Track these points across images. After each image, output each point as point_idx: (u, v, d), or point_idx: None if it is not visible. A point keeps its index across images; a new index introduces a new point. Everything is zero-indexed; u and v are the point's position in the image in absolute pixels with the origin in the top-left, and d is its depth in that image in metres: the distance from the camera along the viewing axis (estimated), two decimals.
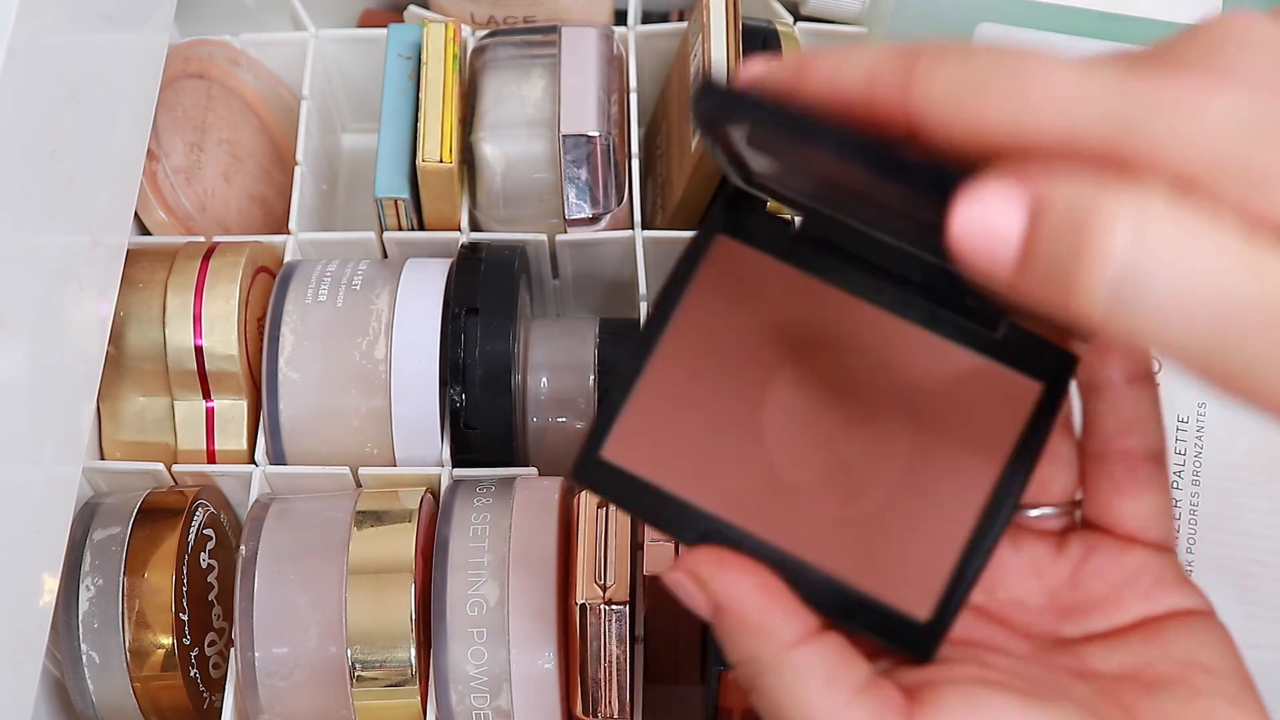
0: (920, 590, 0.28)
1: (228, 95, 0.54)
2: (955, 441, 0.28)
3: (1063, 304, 0.20)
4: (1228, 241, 0.20)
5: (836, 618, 0.27)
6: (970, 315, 0.28)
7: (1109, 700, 0.26)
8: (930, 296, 0.29)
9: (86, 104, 0.39)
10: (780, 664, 0.26)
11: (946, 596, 0.28)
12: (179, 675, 0.43)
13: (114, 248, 0.42)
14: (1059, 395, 0.28)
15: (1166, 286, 0.19)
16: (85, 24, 0.39)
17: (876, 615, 0.28)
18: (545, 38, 0.50)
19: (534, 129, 0.48)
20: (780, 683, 0.26)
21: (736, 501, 0.28)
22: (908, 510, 0.28)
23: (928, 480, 0.28)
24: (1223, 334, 0.20)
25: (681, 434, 0.29)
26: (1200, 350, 0.20)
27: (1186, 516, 0.38)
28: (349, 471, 0.46)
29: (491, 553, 0.42)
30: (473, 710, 0.41)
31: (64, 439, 0.39)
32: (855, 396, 0.29)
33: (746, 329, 0.29)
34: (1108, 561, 0.28)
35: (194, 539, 0.45)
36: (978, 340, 0.28)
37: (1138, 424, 0.28)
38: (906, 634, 0.28)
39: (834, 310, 0.29)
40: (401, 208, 0.49)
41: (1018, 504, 0.28)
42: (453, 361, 0.45)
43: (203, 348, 0.46)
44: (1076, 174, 0.20)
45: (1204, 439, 0.39)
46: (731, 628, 0.27)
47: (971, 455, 0.28)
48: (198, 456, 0.47)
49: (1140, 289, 0.20)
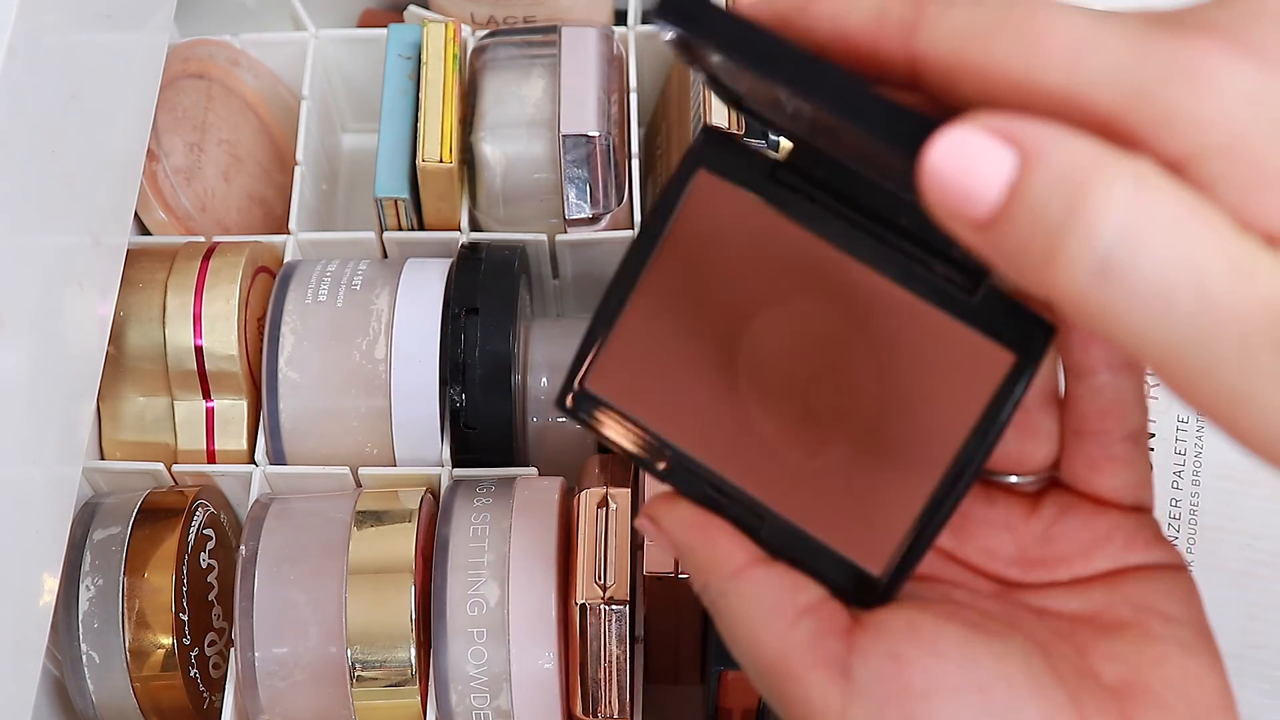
0: (876, 546, 0.28)
1: (228, 95, 0.54)
2: (922, 404, 0.28)
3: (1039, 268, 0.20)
4: (1221, 239, 0.19)
5: (793, 562, 0.28)
6: (948, 276, 0.27)
7: (1063, 639, 0.26)
8: (908, 253, 0.28)
9: (87, 104, 0.39)
10: (727, 591, 0.27)
11: (900, 556, 0.28)
12: (179, 675, 0.43)
13: (114, 248, 0.42)
14: (1030, 368, 0.27)
15: (1152, 271, 0.19)
16: (85, 24, 0.39)
17: (830, 563, 0.28)
18: (545, 38, 0.50)
19: (534, 129, 0.48)
20: (729, 607, 0.27)
21: (708, 440, 0.29)
22: (870, 466, 0.28)
23: (892, 439, 0.28)
24: (1198, 334, 0.19)
25: (660, 369, 0.29)
26: (1169, 347, 0.19)
27: (1187, 516, 0.38)
28: (349, 471, 0.46)
29: (491, 553, 0.42)
30: (473, 710, 0.41)
31: (64, 439, 0.39)
32: (827, 347, 0.28)
33: (726, 268, 0.29)
34: (1081, 522, 0.28)
35: (194, 539, 0.45)
36: (953, 303, 0.27)
37: (1116, 410, 0.27)
38: (859, 587, 0.28)
39: (812, 257, 0.28)
40: (401, 208, 0.49)
41: (979, 473, 0.27)
42: (453, 361, 0.45)
43: (203, 348, 0.46)
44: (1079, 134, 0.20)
45: (1204, 439, 0.39)
46: (687, 562, 0.29)
47: (937, 419, 0.28)
48: (198, 456, 0.47)
49: (1125, 269, 0.19)
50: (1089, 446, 0.28)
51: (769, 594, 0.27)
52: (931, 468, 0.28)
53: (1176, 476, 0.39)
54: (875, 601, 0.28)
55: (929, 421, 0.28)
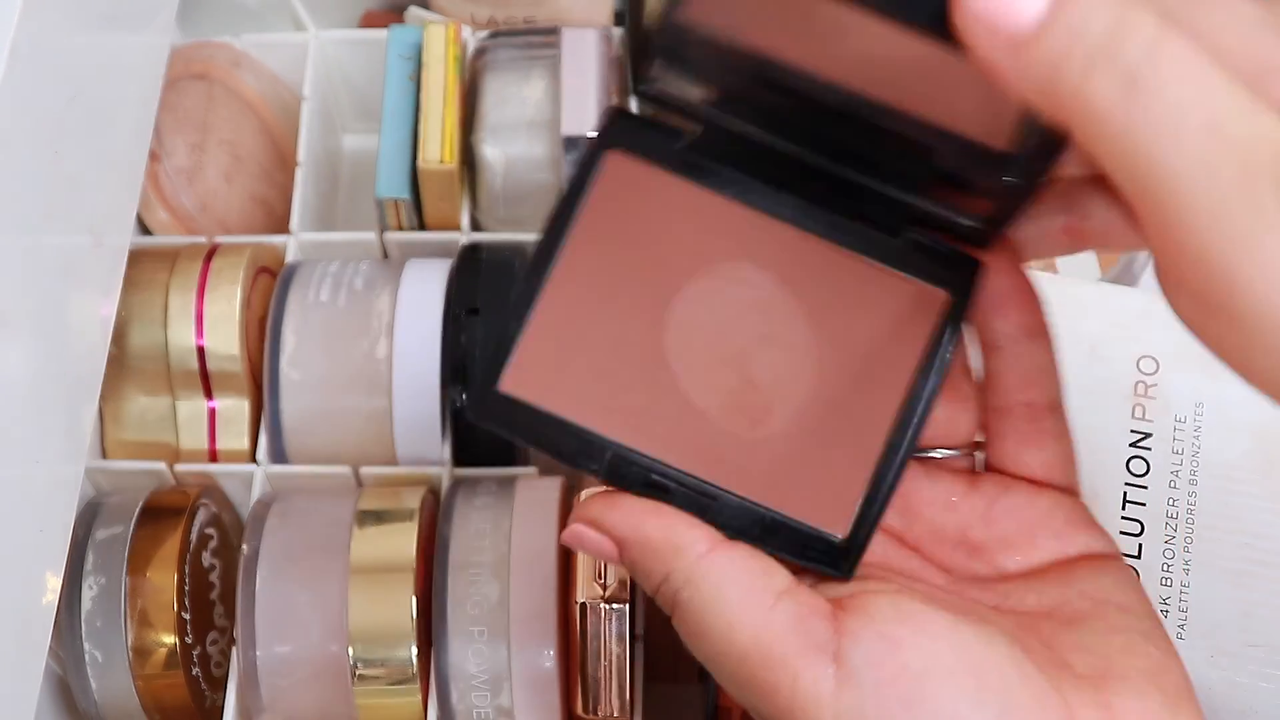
0: (835, 508, 0.27)
1: (229, 96, 0.54)
2: (862, 355, 0.28)
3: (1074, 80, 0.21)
4: (1232, 86, 0.21)
5: (753, 540, 0.27)
6: (872, 223, 0.28)
7: (1029, 633, 0.26)
8: (830, 205, 0.28)
9: (89, 105, 0.39)
10: (695, 575, 0.26)
11: (862, 512, 0.27)
12: (181, 674, 0.43)
13: (116, 248, 0.42)
14: (966, 301, 0.27)
15: (1170, 94, 0.20)
16: (87, 25, 0.39)
17: (793, 536, 0.27)
18: (546, 39, 0.50)
19: (534, 130, 0.49)
20: (698, 594, 0.26)
21: (644, 427, 0.27)
22: (818, 428, 0.27)
23: (837, 396, 0.27)
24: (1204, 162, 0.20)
25: (583, 361, 0.28)
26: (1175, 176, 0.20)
27: (1184, 516, 0.38)
28: (350, 471, 0.46)
29: (492, 552, 0.42)
30: (473, 709, 0.42)
31: (66, 438, 0.39)
32: (758, 313, 0.28)
33: (644, 247, 0.28)
34: (1020, 501, 0.28)
35: (196, 538, 0.45)
36: (880, 249, 0.28)
37: (1037, 377, 0.28)
38: (825, 552, 0.27)
39: (732, 224, 0.28)
40: (402, 208, 0.49)
41: (930, 410, 0.27)
42: (454, 361, 0.45)
43: (205, 348, 0.46)
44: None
45: (1201, 438, 0.39)
46: (640, 556, 0.27)
47: (880, 368, 0.27)
48: (200, 456, 0.47)
49: (1148, 86, 0.20)
50: (1017, 422, 0.28)
51: (742, 576, 0.26)
52: (880, 418, 0.27)
53: (1174, 476, 0.39)
54: (847, 567, 0.27)
55: (871, 372, 0.27)
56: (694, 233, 0.28)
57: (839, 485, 0.27)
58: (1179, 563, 0.38)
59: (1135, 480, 0.39)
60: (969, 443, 0.29)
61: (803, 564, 0.27)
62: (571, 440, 0.27)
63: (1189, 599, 0.38)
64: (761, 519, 0.27)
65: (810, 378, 0.28)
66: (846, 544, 0.27)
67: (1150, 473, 0.39)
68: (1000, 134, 0.26)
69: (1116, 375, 0.40)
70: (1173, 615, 0.38)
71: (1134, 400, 0.40)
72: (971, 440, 0.29)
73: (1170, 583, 0.38)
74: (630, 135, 0.28)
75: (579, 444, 0.27)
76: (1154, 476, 0.39)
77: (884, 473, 0.27)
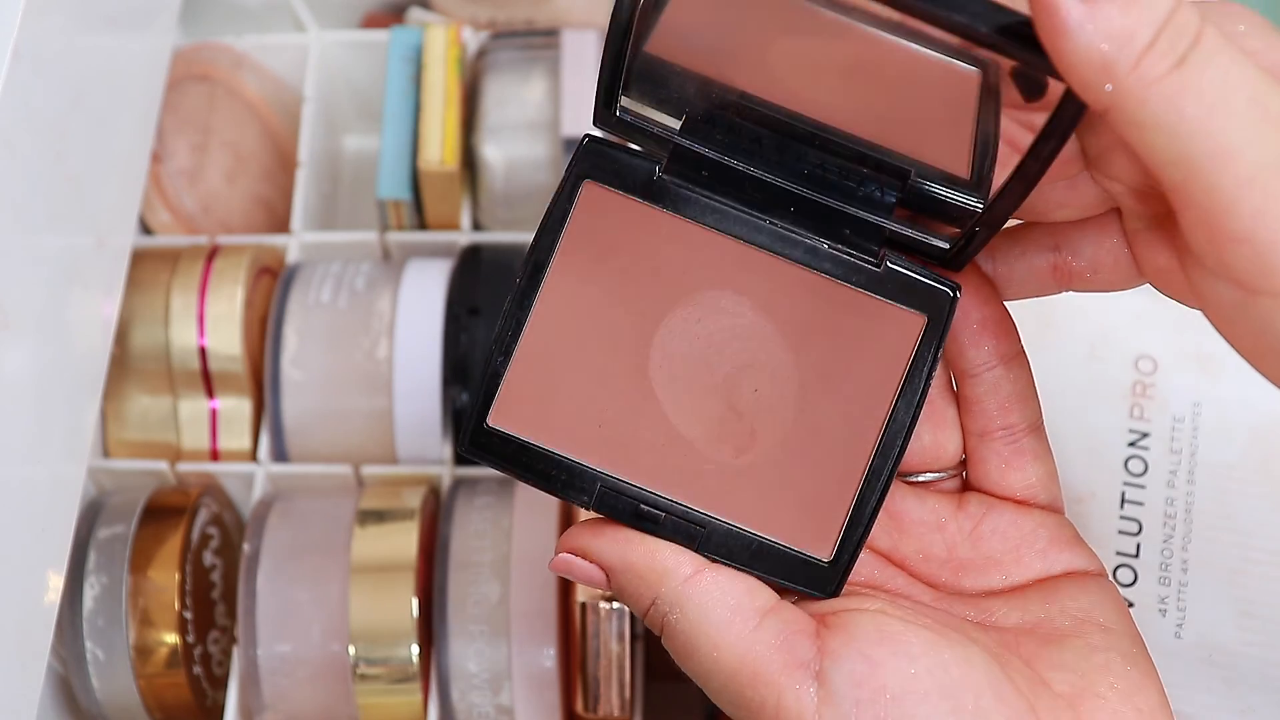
0: (820, 531, 0.28)
1: (231, 97, 0.54)
2: (843, 379, 0.28)
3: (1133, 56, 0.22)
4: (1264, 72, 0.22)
5: (740, 565, 0.28)
6: (848, 249, 0.28)
7: (1010, 650, 0.27)
8: (808, 232, 0.28)
9: (91, 107, 0.39)
10: (682, 598, 0.27)
11: (846, 535, 0.28)
12: (183, 672, 0.43)
13: (118, 249, 0.42)
14: (944, 325, 0.28)
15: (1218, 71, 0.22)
16: (90, 27, 0.39)
17: (780, 560, 0.28)
18: (546, 40, 0.50)
19: (535, 131, 0.49)
20: (685, 615, 0.27)
21: (630, 457, 0.28)
22: (802, 452, 0.28)
23: (819, 420, 0.28)
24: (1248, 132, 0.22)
25: (569, 393, 0.28)
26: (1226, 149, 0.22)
27: (1182, 515, 0.39)
28: (351, 470, 0.46)
29: (493, 551, 0.42)
30: (474, 707, 0.42)
31: (69, 438, 0.39)
32: (740, 341, 0.28)
33: (625, 277, 0.28)
34: (1006, 521, 0.29)
35: (197, 537, 0.45)
36: (858, 275, 0.28)
37: (1017, 401, 0.29)
38: (811, 575, 0.28)
39: (710, 252, 0.28)
40: (403, 209, 0.49)
41: (910, 433, 0.28)
42: (454, 361, 0.45)
43: (206, 348, 0.46)
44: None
45: (1199, 438, 0.39)
46: (627, 582, 0.27)
47: (861, 392, 0.28)
48: (201, 455, 0.47)
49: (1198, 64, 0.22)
50: (999, 445, 0.29)
51: (727, 597, 0.27)
52: (862, 441, 0.28)
53: (1172, 475, 0.39)
54: (832, 588, 0.28)
55: (852, 396, 0.28)
56: (674, 262, 0.29)
57: (823, 509, 0.28)
58: (1177, 562, 0.38)
59: (1133, 480, 0.39)
60: (956, 464, 0.30)
61: (790, 587, 0.28)
62: (561, 473, 0.28)
63: (1187, 598, 0.38)
64: (749, 544, 0.28)
65: (792, 403, 0.28)
66: (832, 566, 0.28)
67: (1148, 472, 0.39)
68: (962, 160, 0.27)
69: (1115, 375, 0.40)
70: (1171, 614, 0.38)
71: (1132, 400, 0.40)
72: (958, 461, 0.30)
73: (1168, 581, 0.38)
74: (606, 164, 0.29)
75: (568, 476, 0.28)
76: (1152, 476, 0.39)
77: (867, 496, 0.28)
